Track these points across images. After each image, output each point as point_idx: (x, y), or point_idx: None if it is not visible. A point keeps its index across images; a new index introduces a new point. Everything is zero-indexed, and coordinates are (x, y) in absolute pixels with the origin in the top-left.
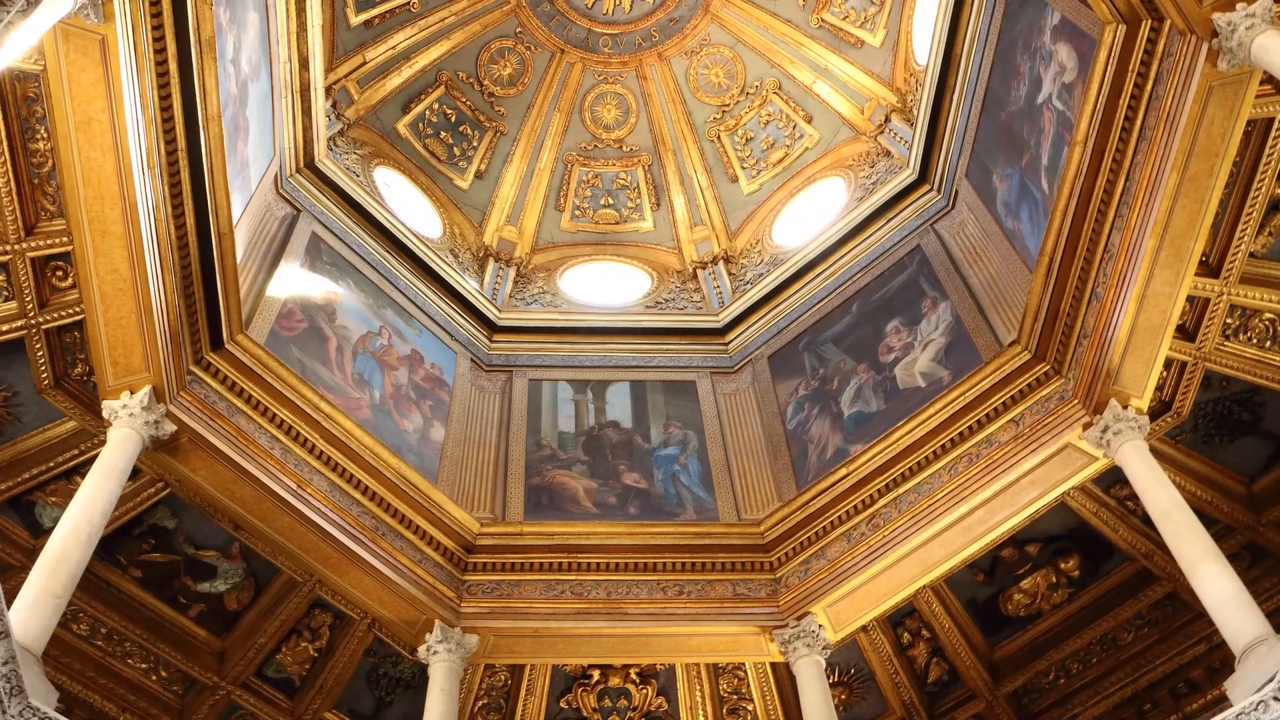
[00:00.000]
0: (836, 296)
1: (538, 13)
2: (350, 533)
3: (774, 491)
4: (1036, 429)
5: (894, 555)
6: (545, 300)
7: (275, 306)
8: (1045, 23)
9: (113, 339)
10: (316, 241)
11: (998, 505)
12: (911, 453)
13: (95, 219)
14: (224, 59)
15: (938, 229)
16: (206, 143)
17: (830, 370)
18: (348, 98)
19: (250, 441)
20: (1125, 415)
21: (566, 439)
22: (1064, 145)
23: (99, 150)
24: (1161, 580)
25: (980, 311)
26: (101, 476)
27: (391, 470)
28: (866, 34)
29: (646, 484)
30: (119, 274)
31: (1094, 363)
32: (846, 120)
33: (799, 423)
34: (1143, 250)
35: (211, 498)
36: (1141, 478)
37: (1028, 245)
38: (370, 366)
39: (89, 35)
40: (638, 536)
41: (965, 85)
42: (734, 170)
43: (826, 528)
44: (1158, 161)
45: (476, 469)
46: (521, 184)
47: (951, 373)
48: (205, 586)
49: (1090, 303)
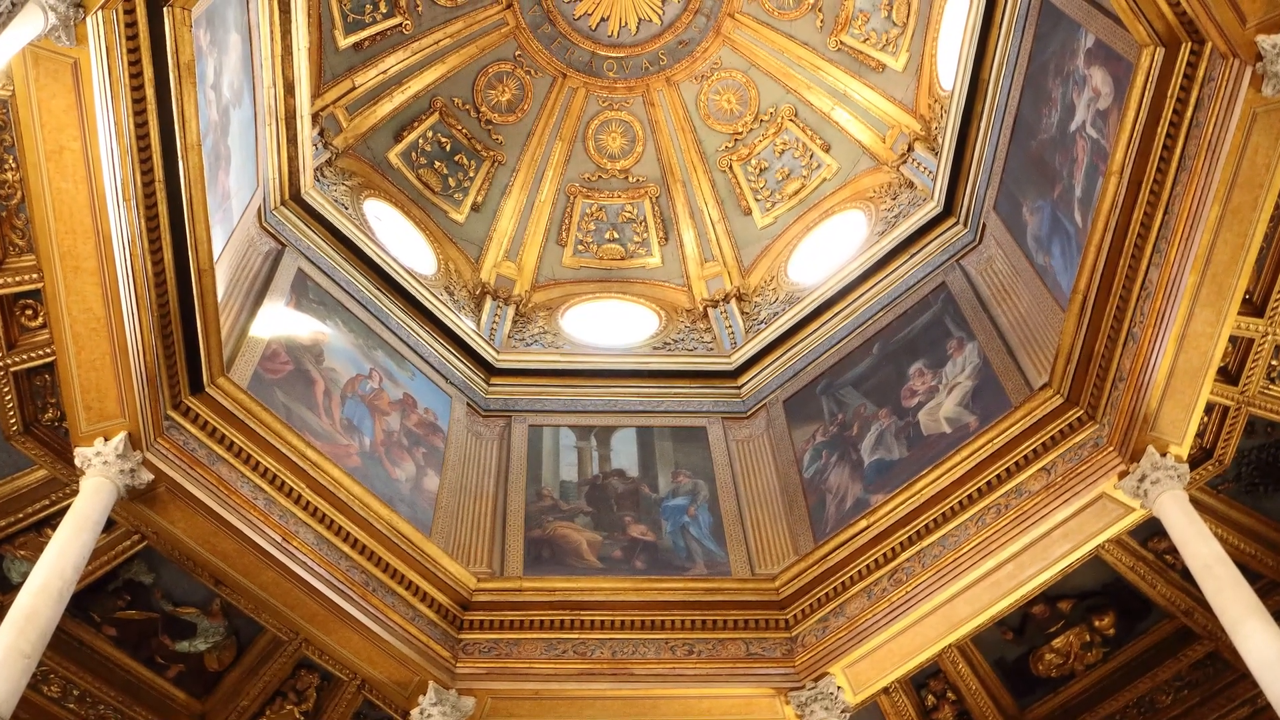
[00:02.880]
0: (856, 337)
1: (538, 35)
2: (339, 588)
3: (790, 544)
4: (1069, 478)
5: (917, 612)
6: (546, 341)
7: (259, 348)
8: (1079, 45)
9: (86, 382)
10: (303, 278)
11: (1028, 559)
12: (936, 503)
13: (67, 254)
14: (204, 84)
15: (964, 265)
16: (186, 173)
17: (849, 415)
18: (336, 125)
19: (232, 491)
20: (1164, 463)
21: (569, 488)
22: (1098, 176)
23: (71, 181)
24: (1202, 639)
25: (1009, 353)
26: (74, 528)
27: (382, 522)
28: (888, 57)
29: (654, 536)
30: (92, 313)
31: (1130, 407)
32: (867, 149)
33: (816, 471)
34: (1182, 287)
35: (191, 551)
36: (1181, 530)
37: (1060, 282)
38: (360, 411)
39: (60, 59)
40: (645, 592)
41: (993, 112)
42: (747, 202)
43: (846, 583)
44: (1198, 193)
45: (473, 520)
46: (521, 217)
47: (979, 418)
48: (184, 645)
49: (1126, 343)
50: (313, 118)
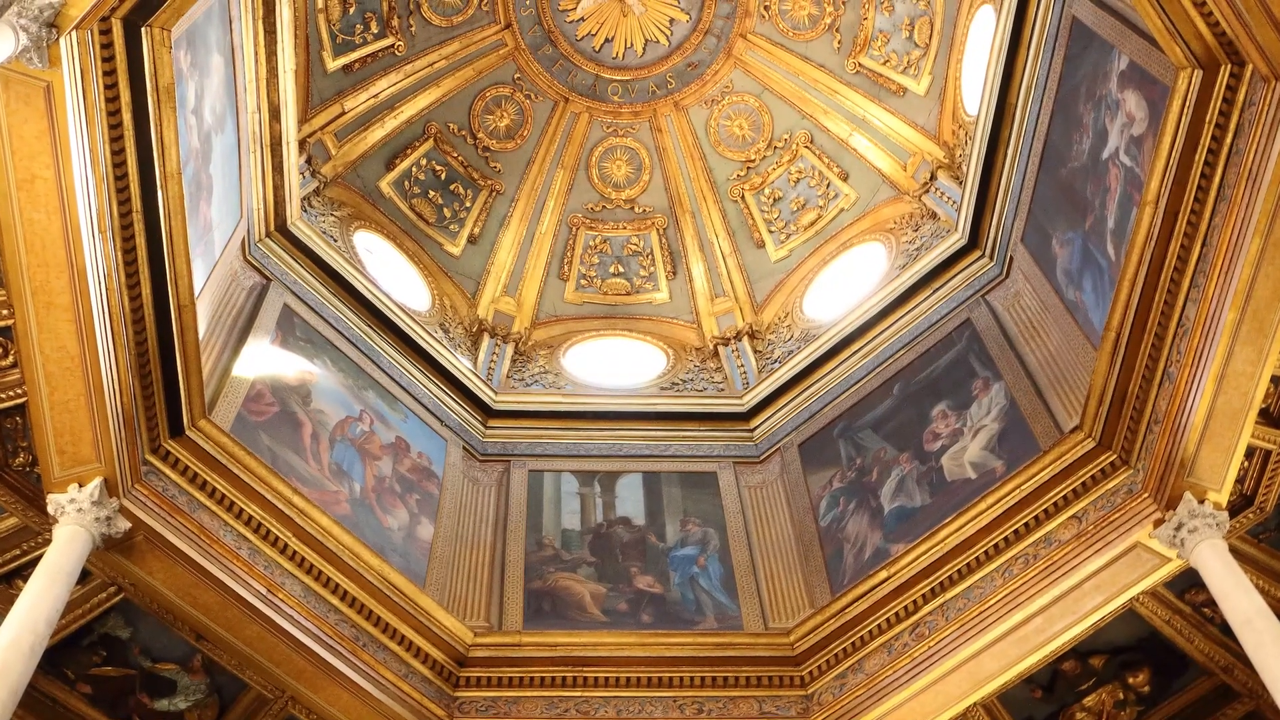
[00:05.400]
0: (876, 377)
1: (539, 57)
2: (327, 643)
3: (805, 597)
4: (1101, 526)
5: (941, 669)
6: (547, 381)
7: (242, 388)
8: (1111, 68)
9: (59, 425)
10: (289, 314)
11: (1058, 612)
12: (960, 553)
13: (39, 289)
14: (184, 109)
15: (990, 300)
16: (165, 203)
17: (869, 460)
18: (324, 152)
19: (214, 540)
20: (1202, 511)
21: (571, 537)
22: (1132, 206)
23: (43, 212)
24: (1243, 697)
25: (1038, 393)
26: (46, 580)
27: (373, 573)
28: (910, 80)
29: (661, 588)
30: (66, 351)
31: (1166, 452)
32: (887, 178)
33: (833, 519)
34: (1221, 324)
35: (170, 604)
36: (1220, 581)
37: (1091, 319)
38: (350, 456)
39: (32, 82)
40: (652, 648)
41: (1021, 138)
42: (760, 234)
43: (865, 637)
44: (1238, 224)
45: (469, 571)
46: (520, 250)
47: (1006, 463)
48: (164, 704)
49: (1162, 384)
50: (300, 144)
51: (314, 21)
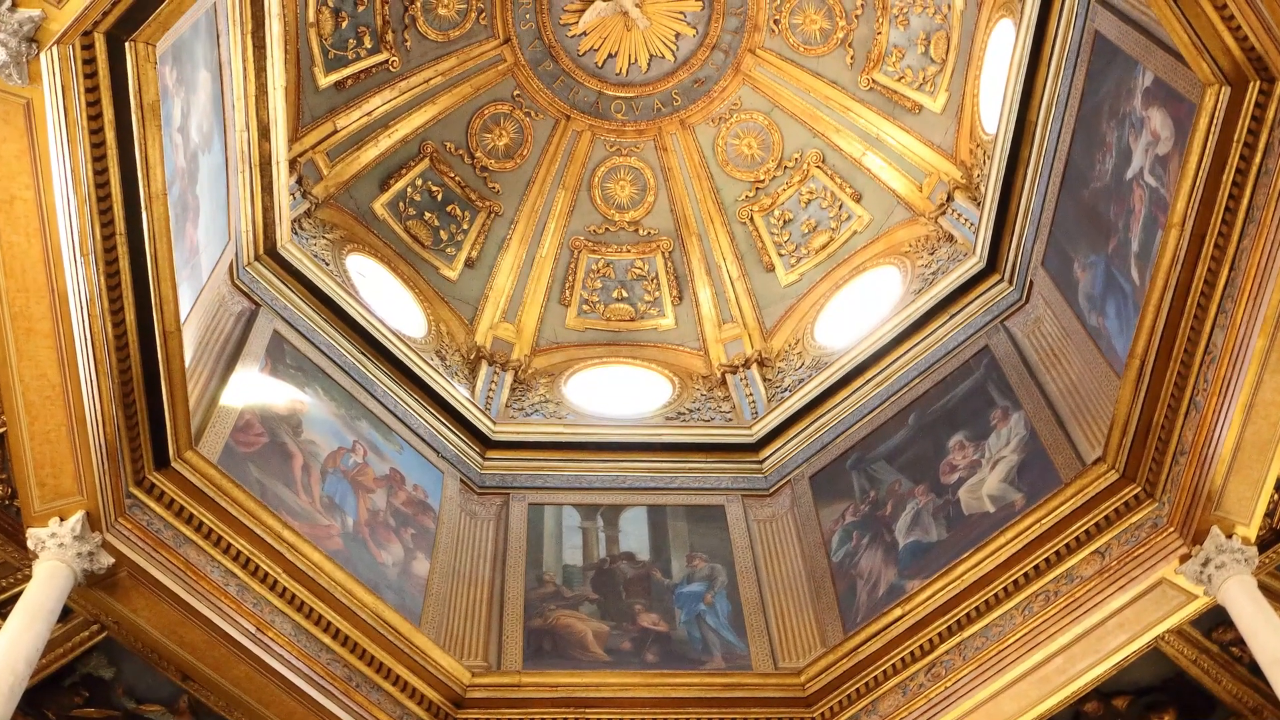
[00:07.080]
0: (890, 406)
1: (539, 73)
2: (318, 684)
3: (817, 635)
4: (1125, 562)
5: (958, 710)
6: (548, 410)
7: (230, 418)
8: (1136, 85)
9: (39, 456)
10: (279, 341)
11: (1080, 651)
12: (979, 590)
13: (19, 315)
14: (170, 127)
15: (1009, 327)
16: (150, 225)
17: (883, 493)
18: (315, 172)
19: (201, 576)
20: (1230, 546)
21: (573, 574)
22: (1157, 228)
23: (23, 234)
24: None
25: (1059, 424)
26: (26, 618)
27: (367, 610)
28: (925, 98)
29: (667, 627)
30: (47, 379)
31: (1193, 484)
32: (902, 199)
33: (846, 554)
34: (1250, 351)
35: (156, 643)
36: (1249, 619)
37: (1115, 346)
38: (342, 488)
39: (11, 99)
40: (657, 688)
41: (1041, 157)
42: (769, 258)
43: (879, 677)
44: (1267, 247)
45: (467, 609)
46: (520, 274)
47: (1025, 496)
48: None
49: (1188, 413)
50: (290, 164)
51: (305, 36)
